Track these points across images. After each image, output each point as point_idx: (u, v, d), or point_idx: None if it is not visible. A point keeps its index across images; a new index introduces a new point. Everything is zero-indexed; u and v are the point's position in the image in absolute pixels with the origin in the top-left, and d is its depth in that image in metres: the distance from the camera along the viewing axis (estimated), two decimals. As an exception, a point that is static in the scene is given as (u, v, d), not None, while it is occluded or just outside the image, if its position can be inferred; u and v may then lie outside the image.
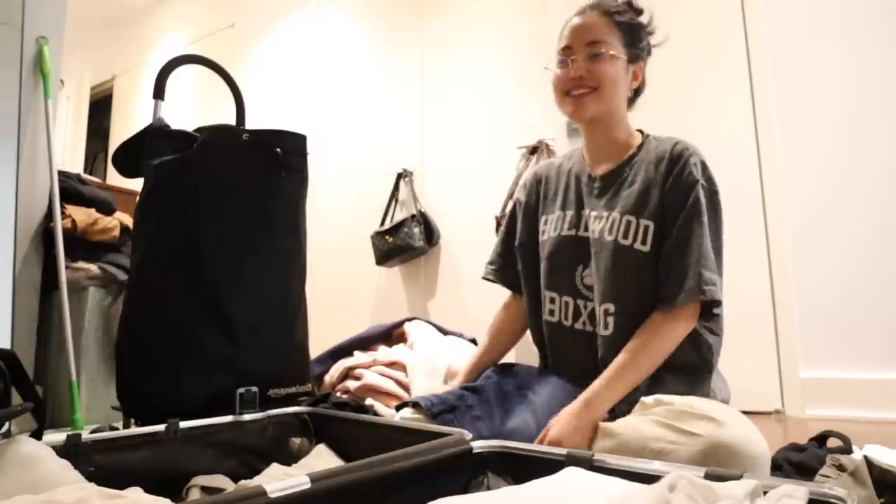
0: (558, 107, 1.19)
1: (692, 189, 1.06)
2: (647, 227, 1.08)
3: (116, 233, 2.08)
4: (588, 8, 1.17)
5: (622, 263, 1.08)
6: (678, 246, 1.05)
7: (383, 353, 2.01)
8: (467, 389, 1.10)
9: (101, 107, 5.07)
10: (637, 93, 1.22)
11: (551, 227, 1.22)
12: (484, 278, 1.36)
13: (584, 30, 1.14)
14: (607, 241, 1.10)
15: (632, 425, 0.90)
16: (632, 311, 1.07)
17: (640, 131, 1.20)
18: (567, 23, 1.18)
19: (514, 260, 1.31)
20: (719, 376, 1.13)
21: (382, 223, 3.15)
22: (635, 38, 1.17)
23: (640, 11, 1.19)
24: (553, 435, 0.95)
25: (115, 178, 2.53)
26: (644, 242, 1.08)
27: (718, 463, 0.77)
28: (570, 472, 0.61)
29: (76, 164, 4.50)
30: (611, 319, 1.09)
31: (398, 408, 1.09)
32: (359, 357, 2.00)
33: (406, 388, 1.82)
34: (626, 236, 1.09)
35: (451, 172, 3.11)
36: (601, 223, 1.13)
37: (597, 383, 1.01)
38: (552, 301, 1.19)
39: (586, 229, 1.16)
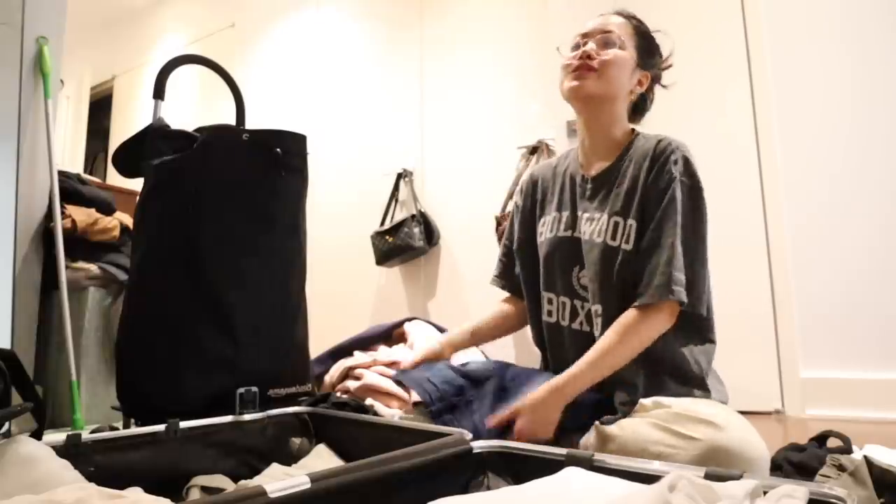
0: (561, 87, 1.19)
1: (669, 186, 1.06)
2: (631, 227, 1.08)
3: (116, 233, 2.08)
4: (610, 11, 1.21)
5: (610, 265, 1.09)
6: (652, 246, 1.05)
7: (383, 353, 2.00)
8: (468, 379, 1.10)
9: (101, 107, 5.07)
10: (642, 105, 1.23)
11: (548, 229, 1.22)
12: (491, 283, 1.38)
13: (603, 24, 1.18)
14: (597, 243, 1.11)
15: (630, 428, 0.90)
16: (616, 313, 1.07)
17: (632, 129, 1.20)
18: (589, 21, 1.21)
19: (514, 263, 1.31)
20: (716, 378, 1.13)
21: (382, 223, 3.15)
22: (649, 50, 1.20)
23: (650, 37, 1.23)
24: (519, 427, 0.98)
25: (115, 178, 2.53)
26: (628, 241, 1.08)
27: (717, 466, 0.77)
28: (570, 472, 0.61)
29: (76, 164, 4.50)
30: (599, 320, 1.09)
31: (414, 405, 1.10)
32: (359, 357, 2.00)
33: (406, 387, 1.82)
34: (614, 237, 1.09)
35: (451, 172, 3.11)
36: (592, 225, 1.13)
37: (567, 374, 1.02)
38: (550, 302, 1.20)
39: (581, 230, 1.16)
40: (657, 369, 1.05)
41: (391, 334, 2.15)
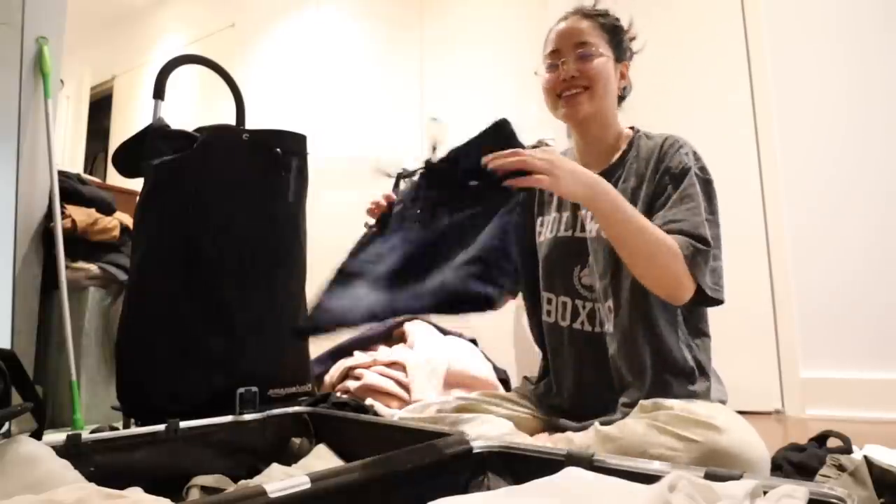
0: (551, 111, 1.19)
1: (685, 175, 1.05)
2: None
3: (116, 233, 2.08)
4: (570, 14, 1.19)
5: (619, 259, 1.07)
6: (678, 220, 1.02)
7: (383, 353, 2.01)
8: None
9: (101, 107, 5.07)
10: (623, 93, 1.22)
11: (547, 229, 1.22)
12: None
13: (571, 33, 1.15)
14: (604, 239, 1.10)
15: (630, 429, 0.90)
16: (628, 307, 1.06)
17: (632, 128, 1.20)
18: (551, 29, 1.19)
19: None
20: (715, 376, 1.13)
21: (382, 223, 3.14)
22: (618, 39, 1.19)
23: (617, 19, 1.21)
24: (550, 156, 0.89)
25: (115, 178, 2.52)
26: None
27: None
28: (570, 472, 0.60)
29: (76, 164, 4.50)
30: (611, 316, 1.09)
31: None
32: (359, 357, 2.00)
33: (406, 388, 1.82)
34: None
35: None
36: (598, 222, 1.13)
37: (618, 195, 0.97)
38: (549, 302, 1.19)
39: (583, 230, 1.16)
40: (663, 369, 1.05)
41: (391, 334, 2.15)
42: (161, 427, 0.90)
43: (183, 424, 0.92)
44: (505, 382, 2.02)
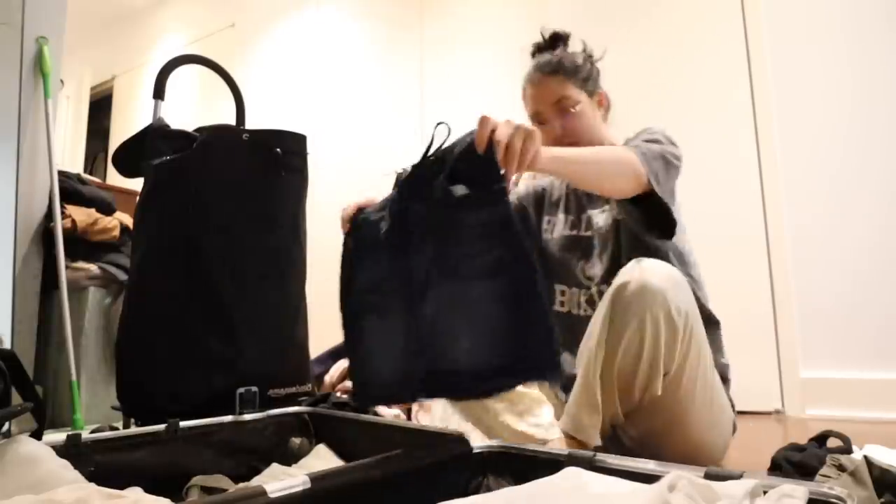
0: None
1: (650, 136, 1.09)
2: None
3: (116, 233, 2.08)
4: (537, 73, 1.22)
5: (621, 248, 1.14)
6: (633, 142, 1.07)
7: (383, 353, 2.00)
8: None
9: (101, 107, 5.07)
10: (606, 113, 1.27)
11: (553, 227, 1.29)
12: None
13: (545, 95, 1.20)
14: (610, 224, 1.17)
15: None
16: None
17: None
18: (525, 89, 1.25)
19: None
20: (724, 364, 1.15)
21: (382, 223, 3.15)
22: (587, 77, 1.23)
23: (576, 62, 1.23)
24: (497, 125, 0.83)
25: (115, 178, 2.52)
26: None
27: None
28: (570, 472, 0.60)
29: (76, 164, 4.50)
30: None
31: None
32: (359, 357, 2.00)
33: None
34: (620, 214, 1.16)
35: (451, 172, 3.11)
36: (604, 215, 1.20)
37: (572, 152, 1.00)
38: (562, 293, 1.26)
39: (586, 230, 1.23)
40: None
41: (391, 334, 2.14)
42: (161, 427, 0.90)
43: (183, 424, 0.93)
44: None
